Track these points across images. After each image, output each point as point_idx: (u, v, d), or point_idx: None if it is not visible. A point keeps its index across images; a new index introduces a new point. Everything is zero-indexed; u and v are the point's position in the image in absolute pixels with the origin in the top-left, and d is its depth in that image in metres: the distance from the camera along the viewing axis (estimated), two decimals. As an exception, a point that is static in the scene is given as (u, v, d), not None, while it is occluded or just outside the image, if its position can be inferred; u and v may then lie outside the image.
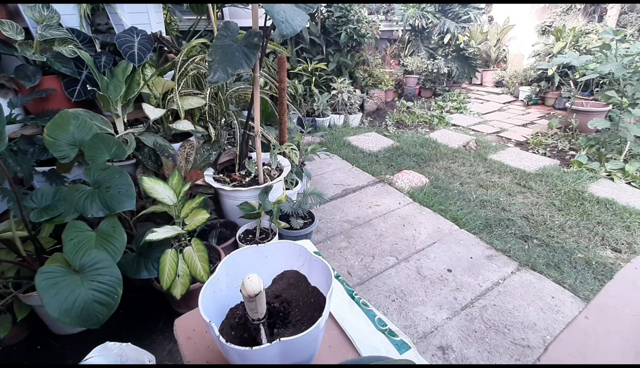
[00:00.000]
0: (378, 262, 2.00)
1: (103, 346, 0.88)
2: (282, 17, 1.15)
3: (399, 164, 3.28)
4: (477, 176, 3.06)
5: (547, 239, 2.19)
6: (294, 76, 4.12)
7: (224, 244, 1.79)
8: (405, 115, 4.74)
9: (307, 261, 0.67)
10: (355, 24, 4.23)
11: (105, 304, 1.09)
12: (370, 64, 5.18)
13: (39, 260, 1.38)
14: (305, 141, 3.36)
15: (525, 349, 1.48)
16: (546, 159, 3.40)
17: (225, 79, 1.34)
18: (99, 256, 1.17)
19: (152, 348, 1.48)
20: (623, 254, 2.06)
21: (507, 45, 6.85)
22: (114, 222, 1.31)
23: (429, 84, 5.71)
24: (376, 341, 0.68)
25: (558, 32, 5.19)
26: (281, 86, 2.09)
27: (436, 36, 5.70)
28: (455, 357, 1.45)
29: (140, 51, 1.72)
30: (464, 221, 2.37)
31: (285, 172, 2.09)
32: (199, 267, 1.42)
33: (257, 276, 0.50)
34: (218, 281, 0.61)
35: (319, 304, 0.62)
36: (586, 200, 2.61)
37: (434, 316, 1.64)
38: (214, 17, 2.05)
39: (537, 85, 5.45)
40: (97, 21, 1.86)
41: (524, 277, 1.88)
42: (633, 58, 3.04)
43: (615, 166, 3.03)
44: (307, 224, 2.06)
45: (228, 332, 0.60)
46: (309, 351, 0.56)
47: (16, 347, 1.47)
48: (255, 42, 1.44)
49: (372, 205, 2.61)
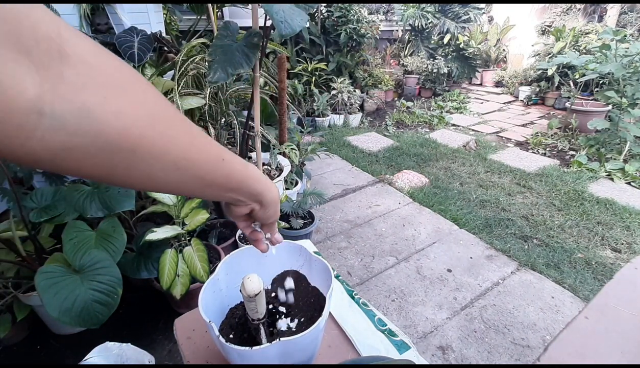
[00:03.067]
0: (378, 262, 2.00)
1: (103, 346, 0.88)
2: (282, 17, 1.15)
3: (398, 164, 3.28)
4: (477, 176, 3.06)
5: (547, 239, 2.19)
6: (294, 76, 4.12)
7: (224, 244, 1.79)
8: (405, 115, 4.74)
9: (307, 261, 0.67)
10: (355, 24, 4.23)
11: (105, 304, 1.10)
12: (370, 64, 5.18)
13: (38, 260, 1.38)
14: (305, 141, 3.36)
15: (525, 349, 1.48)
16: (546, 159, 3.40)
17: (225, 79, 1.34)
18: (98, 256, 1.17)
19: (152, 348, 1.48)
20: (623, 254, 2.06)
21: (507, 45, 6.85)
22: (113, 222, 1.31)
23: (429, 84, 5.71)
24: (376, 341, 0.68)
25: (558, 32, 5.20)
26: (281, 86, 2.09)
27: (436, 36, 5.70)
28: (455, 357, 1.45)
29: (140, 51, 1.72)
30: (464, 221, 2.37)
31: (285, 172, 2.09)
32: (199, 267, 1.42)
33: (257, 276, 0.50)
34: (218, 281, 0.61)
35: (319, 304, 0.62)
36: (586, 200, 2.61)
37: (433, 316, 1.64)
38: (214, 17, 2.05)
39: (537, 85, 5.45)
40: (97, 21, 1.86)
41: (523, 277, 1.89)
42: (633, 58, 3.04)
43: (615, 166, 3.03)
44: (307, 224, 2.06)
45: (228, 332, 0.60)
46: (309, 351, 0.56)
47: (16, 347, 1.47)
48: (255, 42, 1.44)
49: (372, 205, 2.61)
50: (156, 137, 0.26)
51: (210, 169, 0.33)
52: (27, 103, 0.19)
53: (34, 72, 0.19)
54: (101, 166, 0.24)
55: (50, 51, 0.20)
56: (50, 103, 0.20)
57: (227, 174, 0.35)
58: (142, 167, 0.26)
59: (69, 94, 0.21)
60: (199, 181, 0.32)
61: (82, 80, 0.21)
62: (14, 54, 0.18)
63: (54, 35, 0.20)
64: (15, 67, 0.18)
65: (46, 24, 0.20)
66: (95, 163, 0.24)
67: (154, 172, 0.27)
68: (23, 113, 0.19)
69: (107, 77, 0.23)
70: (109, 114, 0.23)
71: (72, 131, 0.21)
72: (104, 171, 0.25)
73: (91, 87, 0.22)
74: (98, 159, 0.23)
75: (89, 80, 0.22)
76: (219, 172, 0.34)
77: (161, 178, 0.28)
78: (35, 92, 0.19)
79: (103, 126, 0.22)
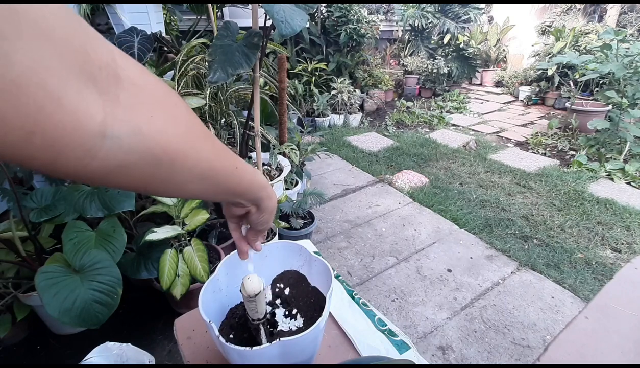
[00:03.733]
0: (378, 262, 2.00)
1: (103, 346, 0.88)
2: (282, 17, 1.15)
3: (398, 164, 3.28)
4: (477, 176, 3.06)
5: (547, 239, 2.19)
6: (294, 76, 4.12)
7: (224, 244, 1.79)
8: (405, 115, 4.74)
9: (307, 261, 0.67)
10: (355, 24, 4.23)
11: (105, 304, 1.10)
12: (370, 64, 5.18)
13: (38, 260, 1.38)
14: (305, 141, 3.36)
15: (525, 349, 1.48)
16: (546, 159, 3.40)
17: (225, 79, 1.34)
18: (98, 256, 1.17)
19: (152, 348, 1.48)
20: (623, 254, 2.06)
21: (507, 45, 6.85)
22: (113, 222, 1.31)
23: (429, 84, 5.71)
24: (376, 341, 0.68)
25: (558, 32, 5.20)
26: (281, 86, 2.09)
27: (436, 36, 5.70)
28: (455, 357, 1.45)
29: (140, 51, 1.72)
30: (464, 221, 2.37)
31: (285, 172, 2.09)
32: (199, 267, 1.42)
33: (257, 276, 0.50)
34: (218, 281, 0.61)
35: (319, 304, 0.62)
36: (586, 200, 2.61)
37: (433, 316, 1.64)
38: (213, 17, 2.05)
39: (537, 85, 5.45)
40: (97, 21, 1.86)
41: (523, 277, 1.89)
42: (633, 58, 3.04)
43: (615, 166, 3.03)
44: (307, 224, 2.06)
45: (228, 332, 0.60)
46: (309, 351, 0.56)
47: (16, 347, 1.47)
48: (255, 42, 1.44)
49: (372, 205, 2.61)
50: (189, 150, 0.28)
51: (226, 177, 0.35)
52: (95, 127, 0.20)
53: (97, 97, 0.20)
54: (144, 178, 0.26)
55: (109, 77, 0.21)
56: (111, 125, 0.21)
57: (238, 182, 0.38)
58: (177, 178, 0.28)
59: (125, 115, 0.22)
60: (216, 188, 0.35)
61: (133, 101, 0.23)
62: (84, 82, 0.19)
63: (110, 61, 0.22)
64: (87, 94, 0.20)
65: (105, 52, 0.22)
66: (139, 176, 0.25)
67: (185, 182, 0.30)
68: (92, 136, 0.20)
69: (151, 96, 0.25)
70: (155, 131, 0.24)
71: (126, 149, 0.23)
72: (144, 183, 0.27)
73: (141, 108, 0.24)
74: (143, 172, 0.25)
75: (139, 101, 0.24)
76: (232, 179, 0.37)
77: (189, 187, 0.31)
78: (101, 116, 0.21)
79: (150, 142, 0.24)
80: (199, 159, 0.29)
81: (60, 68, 0.18)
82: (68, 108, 0.18)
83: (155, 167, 0.26)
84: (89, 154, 0.21)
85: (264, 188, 0.43)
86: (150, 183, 0.27)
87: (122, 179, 0.25)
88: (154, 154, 0.25)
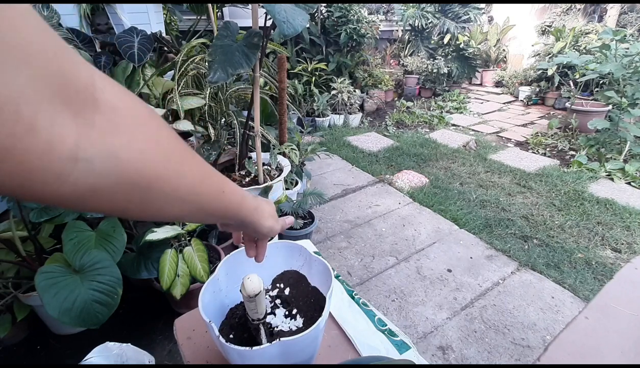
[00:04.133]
0: (378, 262, 2.00)
1: (103, 346, 0.88)
2: (284, 17, 1.15)
3: (398, 164, 3.28)
4: (477, 176, 3.06)
5: (547, 239, 2.19)
6: (294, 76, 4.12)
7: (224, 244, 1.79)
8: (405, 115, 4.74)
9: (307, 261, 0.67)
10: (355, 24, 4.23)
11: (105, 304, 1.10)
12: (370, 64, 5.18)
13: (38, 260, 1.38)
14: (305, 141, 3.36)
15: (525, 349, 1.48)
16: (546, 159, 3.40)
17: (225, 79, 1.34)
18: (98, 256, 1.17)
19: (152, 348, 1.48)
20: (623, 254, 2.06)
21: (507, 45, 6.85)
22: (113, 222, 1.31)
23: (429, 84, 5.71)
24: (376, 341, 0.68)
25: (558, 32, 5.20)
26: (281, 86, 2.09)
27: (436, 36, 5.70)
28: (455, 357, 1.45)
29: (140, 51, 1.72)
30: (464, 221, 2.37)
31: (285, 172, 2.09)
32: (199, 267, 1.42)
33: (257, 276, 0.50)
34: (218, 281, 0.61)
35: (319, 304, 0.62)
36: (586, 200, 2.61)
37: (433, 317, 1.64)
38: (214, 17, 2.05)
39: (537, 85, 5.45)
40: (97, 21, 1.86)
41: (523, 277, 1.88)
42: (633, 58, 3.04)
43: (615, 166, 3.03)
44: (307, 224, 2.06)
45: (228, 332, 0.60)
46: (309, 351, 0.56)
47: (16, 347, 1.47)
48: (255, 42, 1.44)
49: (372, 205, 2.61)
50: (169, 175, 0.28)
51: (211, 201, 0.35)
52: (67, 152, 0.20)
53: (71, 121, 0.20)
54: (119, 202, 0.25)
55: (86, 101, 0.21)
56: (83, 149, 0.21)
57: (225, 207, 0.38)
58: (155, 202, 0.28)
59: (99, 139, 0.22)
60: (200, 212, 0.34)
61: (110, 125, 0.22)
62: (59, 106, 0.19)
63: (89, 83, 0.21)
64: (60, 118, 0.19)
65: (84, 75, 0.21)
66: (114, 200, 0.25)
67: (164, 206, 0.29)
68: (62, 161, 0.20)
69: (130, 119, 0.24)
70: (132, 155, 0.24)
71: (99, 173, 0.22)
72: (121, 207, 0.26)
73: (117, 131, 0.23)
74: (118, 196, 0.25)
75: (116, 124, 0.23)
76: (219, 204, 0.36)
77: (169, 210, 0.30)
78: (73, 140, 0.20)
79: (126, 166, 0.24)
80: (180, 184, 0.29)
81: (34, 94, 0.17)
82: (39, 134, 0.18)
83: (132, 191, 0.25)
84: (58, 179, 0.20)
85: (253, 211, 0.43)
86: (128, 208, 0.26)
87: (97, 203, 0.24)
88: (130, 178, 0.24)
